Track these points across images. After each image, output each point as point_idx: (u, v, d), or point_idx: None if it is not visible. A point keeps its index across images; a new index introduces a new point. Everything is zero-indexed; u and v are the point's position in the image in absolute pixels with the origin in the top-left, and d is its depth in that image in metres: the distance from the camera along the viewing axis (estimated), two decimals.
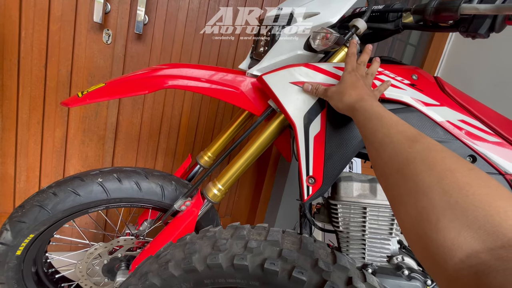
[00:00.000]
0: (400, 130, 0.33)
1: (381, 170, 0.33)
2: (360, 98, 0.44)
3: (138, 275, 0.47)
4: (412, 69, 0.59)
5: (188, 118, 1.17)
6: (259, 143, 0.63)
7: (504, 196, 0.22)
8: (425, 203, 0.24)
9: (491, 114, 0.57)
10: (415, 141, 0.30)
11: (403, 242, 0.69)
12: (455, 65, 1.41)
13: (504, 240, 0.19)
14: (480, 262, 0.19)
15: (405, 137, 0.32)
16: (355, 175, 0.64)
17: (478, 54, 1.29)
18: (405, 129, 0.33)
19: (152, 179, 0.70)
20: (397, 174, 0.29)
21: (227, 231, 0.48)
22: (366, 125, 0.39)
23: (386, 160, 0.32)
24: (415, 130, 0.33)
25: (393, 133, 0.33)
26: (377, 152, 0.34)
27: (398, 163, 0.30)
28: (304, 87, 0.54)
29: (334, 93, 0.49)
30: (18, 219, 0.61)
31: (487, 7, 0.42)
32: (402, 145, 0.31)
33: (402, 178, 0.28)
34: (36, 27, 0.90)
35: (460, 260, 0.20)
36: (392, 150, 0.32)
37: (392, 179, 0.30)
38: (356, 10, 0.67)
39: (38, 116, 0.98)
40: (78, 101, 0.54)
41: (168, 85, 0.59)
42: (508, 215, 0.20)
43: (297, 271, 0.39)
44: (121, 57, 1.00)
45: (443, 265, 0.21)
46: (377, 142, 0.35)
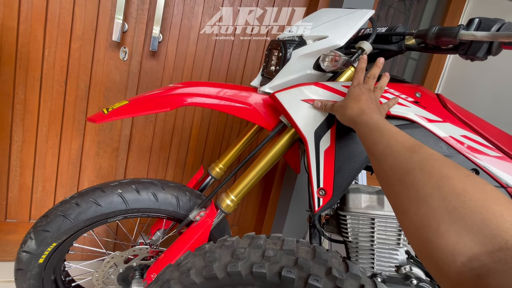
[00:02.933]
0: (400, 141, 0.35)
1: (384, 180, 0.34)
2: (362, 111, 0.46)
3: (160, 282, 0.50)
4: (415, 87, 0.63)
5: (198, 130, 1.21)
6: (270, 155, 0.66)
7: (499, 200, 0.23)
8: (426, 210, 0.25)
9: (492, 129, 0.60)
10: (414, 151, 0.32)
11: (410, 252, 0.71)
12: (456, 78, 1.45)
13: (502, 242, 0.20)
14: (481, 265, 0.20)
15: (405, 147, 0.33)
16: (363, 187, 0.67)
17: (478, 69, 1.33)
18: (404, 139, 0.35)
19: (168, 190, 0.73)
20: (398, 184, 0.30)
21: (244, 241, 0.51)
22: (367, 137, 0.41)
23: (388, 170, 0.33)
24: (413, 141, 0.34)
25: (393, 144, 0.35)
26: (379, 163, 0.36)
27: (398, 173, 0.31)
28: (314, 104, 0.58)
29: (339, 107, 0.52)
30: (42, 228, 0.64)
31: (483, 34, 0.46)
32: (402, 155, 0.32)
33: (403, 187, 0.29)
34: (59, 45, 0.96)
35: (462, 264, 0.21)
36: (393, 160, 0.33)
37: (394, 189, 0.31)
38: (361, 31, 0.72)
39: (57, 129, 1.03)
40: (104, 118, 0.58)
41: (187, 103, 0.63)
42: (504, 218, 0.21)
43: (312, 279, 0.42)
44: (136, 73, 1.06)
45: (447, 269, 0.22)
46: (378, 153, 0.36)
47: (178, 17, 1.07)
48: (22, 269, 0.67)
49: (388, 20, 1.48)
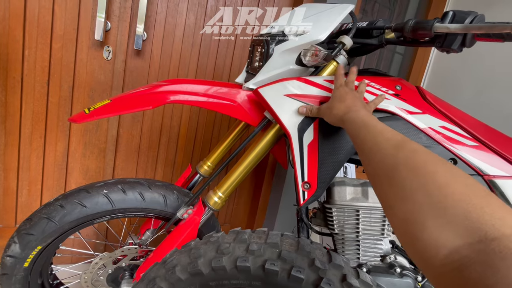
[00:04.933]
0: (386, 137, 0.36)
1: (372, 177, 0.35)
2: (348, 109, 0.47)
3: (146, 281, 0.50)
4: (396, 80, 0.64)
5: (187, 129, 1.21)
6: (256, 152, 0.66)
7: (480, 193, 0.24)
8: (411, 206, 0.26)
9: (469, 120, 0.62)
10: (399, 147, 0.33)
11: (395, 242, 0.73)
12: (440, 72, 1.48)
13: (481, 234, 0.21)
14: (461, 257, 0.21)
15: (390, 144, 0.34)
16: (348, 180, 0.68)
17: (461, 62, 1.36)
18: (390, 136, 0.36)
19: (154, 189, 0.73)
20: (385, 180, 0.31)
21: (229, 236, 0.51)
22: (356, 134, 0.41)
23: (375, 166, 0.34)
24: (400, 136, 0.35)
25: (380, 141, 0.36)
26: (368, 160, 0.37)
27: (385, 169, 0.32)
28: (299, 111, 0.58)
29: (325, 109, 0.53)
30: (26, 231, 0.63)
31: (457, 27, 0.47)
32: (388, 152, 0.33)
33: (390, 184, 0.30)
34: (39, 45, 0.94)
35: (444, 256, 0.22)
36: (380, 157, 0.34)
37: (382, 185, 0.32)
38: (343, 26, 0.72)
39: (40, 131, 1.01)
40: (86, 117, 0.58)
41: (170, 100, 0.62)
42: (484, 211, 0.22)
43: (295, 270, 0.43)
44: (121, 72, 1.04)
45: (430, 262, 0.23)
46: (367, 150, 0.37)
47: (162, 14, 1.06)
48: (7, 274, 0.65)
49: (373, 15, 1.49)
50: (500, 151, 0.58)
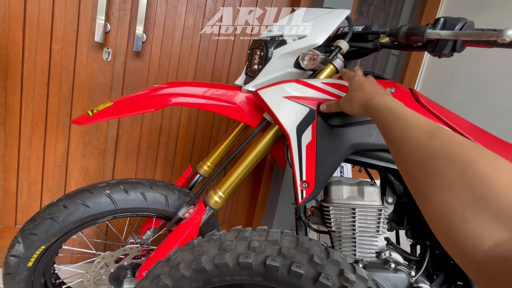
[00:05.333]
0: (417, 124, 0.33)
1: (402, 166, 0.33)
2: (370, 96, 0.45)
3: (151, 277, 0.51)
4: (390, 83, 0.67)
5: (186, 129, 1.22)
6: (256, 152, 0.68)
7: None
8: (450, 197, 0.25)
9: (460, 122, 0.65)
10: (434, 135, 0.30)
11: (390, 239, 0.75)
12: (433, 74, 1.51)
13: None
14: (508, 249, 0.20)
15: (423, 131, 0.32)
16: (344, 179, 0.70)
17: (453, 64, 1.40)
18: (421, 123, 0.33)
19: (156, 189, 0.74)
20: (419, 170, 0.29)
21: (231, 234, 0.53)
22: (382, 122, 0.39)
23: (407, 156, 0.32)
24: (432, 124, 0.33)
25: (410, 128, 0.34)
26: (397, 149, 0.34)
27: (418, 159, 0.30)
28: (320, 108, 0.59)
29: (345, 101, 0.51)
30: (30, 231, 0.65)
31: (447, 33, 0.50)
32: (421, 140, 0.31)
33: (424, 174, 0.28)
34: (39, 47, 0.94)
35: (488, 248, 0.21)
36: (411, 146, 0.32)
37: (415, 175, 0.30)
38: (339, 30, 0.75)
39: (40, 132, 1.02)
40: (90, 120, 0.59)
41: (172, 103, 0.64)
42: None
43: (295, 266, 0.45)
44: (120, 74, 1.05)
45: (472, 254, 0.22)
46: (396, 139, 0.35)
47: (161, 16, 1.07)
48: (11, 274, 0.66)
49: (369, 17, 1.52)
50: None
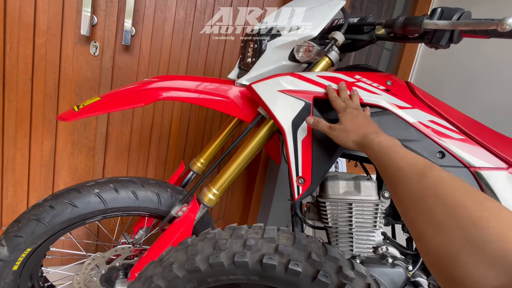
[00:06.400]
0: (409, 163, 0.34)
1: (398, 205, 0.34)
2: (365, 134, 0.46)
3: (143, 279, 0.49)
4: (386, 76, 0.66)
5: (178, 125, 1.19)
6: (250, 148, 0.67)
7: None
8: (442, 239, 0.25)
9: (456, 114, 0.64)
10: (424, 175, 0.31)
11: (386, 233, 0.75)
12: (426, 67, 1.52)
13: None
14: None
15: (415, 171, 0.33)
16: (340, 174, 0.69)
17: (446, 58, 1.40)
18: (414, 162, 0.34)
19: (148, 188, 0.72)
20: (413, 210, 0.30)
21: (226, 232, 0.51)
22: (378, 160, 0.40)
23: (401, 195, 0.33)
24: (423, 162, 0.34)
25: (403, 167, 0.35)
26: (392, 187, 0.35)
27: (411, 199, 0.31)
28: (307, 120, 0.57)
29: (339, 133, 0.50)
30: (14, 234, 0.61)
31: (445, 23, 0.49)
32: (413, 180, 0.32)
33: (418, 214, 0.29)
34: (22, 41, 0.90)
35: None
36: (404, 185, 0.33)
37: (409, 215, 0.31)
38: (335, 22, 0.73)
39: (25, 130, 0.97)
40: (75, 115, 0.56)
41: (163, 97, 0.62)
42: None
43: (293, 264, 0.44)
44: (109, 69, 1.01)
45: None
46: (390, 177, 0.36)
47: (150, 9, 1.03)
48: None
49: (362, 10, 1.51)
50: (485, 143, 0.60)
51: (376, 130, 0.47)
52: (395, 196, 0.34)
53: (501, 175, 0.59)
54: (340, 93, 0.58)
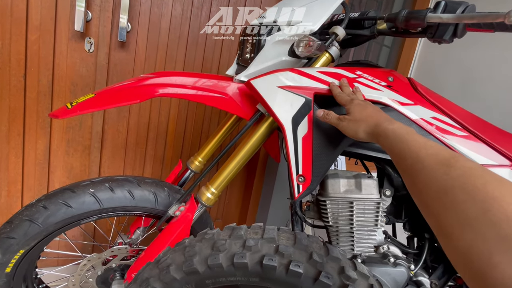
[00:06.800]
0: (430, 153, 0.31)
1: (418, 198, 0.31)
2: (377, 123, 0.43)
3: (139, 281, 0.48)
4: (388, 72, 0.64)
5: (176, 123, 1.18)
6: (249, 145, 0.65)
7: None
8: (473, 236, 0.23)
9: (458, 110, 0.63)
10: (450, 165, 0.28)
11: (387, 232, 0.74)
12: (426, 63, 1.51)
13: None
14: None
15: (438, 161, 0.30)
16: (341, 172, 0.68)
17: (446, 53, 1.39)
18: (435, 151, 0.31)
19: (144, 187, 0.70)
20: (436, 204, 0.28)
21: (225, 232, 0.50)
22: (393, 150, 0.37)
23: (421, 188, 0.30)
24: (446, 151, 0.31)
25: (423, 157, 0.32)
26: (410, 179, 0.32)
27: (435, 191, 0.28)
28: (316, 113, 0.55)
29: (349, 124, 0.48)
30: (6, 235, 0.60)
31: (449, 16, 0.47)
32: (437, 171, 0.29)
33: (443, 208, 0.27)
34: (14, 37, 0.88)
35: None
36: (426, 177, 0.30)
37: (432, 209, 0.28)
38: (334, 17, 0.71)
39: (19, 128, 0.95)
40: (68, 113, 0.54)
41: (159, 94, 0.60)
42: None
43: (293, 265, 0.42)
44: (104, 65, 0.99)
45: None
46: (408, 168, 0.33)
47: (147, 4, 1.01)
48: None
49: (361, 7, 1.49)
50: (488, 140, 0.59)
51: (388, 118, 0.43)
52: (414, 188, 0.31)
53: (505, 172, 0.58)
54: (343, 89, 0.56)
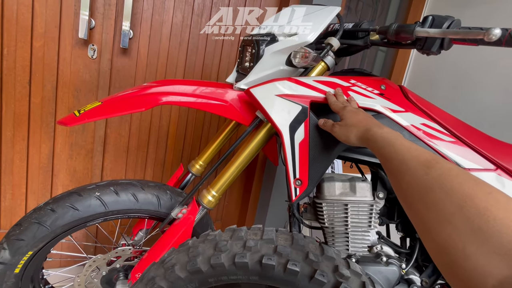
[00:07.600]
0: (414, 155, 0.34)
1: (403, 198, 0.33)
2: (367, 128, 0.46)
3: (145, 280, 0.51)
4: (380, 80, 0.68)
5: (176, 127, 1.20)
6: (249, 150, 0.68)
7: None
8: (449, 231, 0.25)
9: (446, 117, 0.67)
10: (430, 166, 0.31)
11: (381, 233, 0.77)
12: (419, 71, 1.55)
13: None
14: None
15: (420, 163, 0.32)
16: (336, 176, 0.71)
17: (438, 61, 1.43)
18: (418, 154, 0.34)
19: (147, 190, 0.73)
20: (418, 202, 0.30)
21: (226, 234, 0.53)
22: (381, 153, 0.40)
23: (405, 188, 0.32)
24: (428, 154, 0.33)
25: (408, 159, 0.34)
26: (396, 180, 0.34)
27: (417, 191, 0.30)
28: (318, 122, 0.59)
29: (341, 130, 0.51)
30: (16, 237, 0.62)
31: (435, 31, 0.51)
32: (418, 172, 0.31)
33: (424, 206, 0.29)
34: (19, 44, 0.90)
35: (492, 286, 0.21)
36: (410, 177, 0.32)
37: (414, 207, 0.30)
38: (330, 27, 0.75)
39: (23, 133, 0.98)
40: (76, 120, 0.57)
41: (162, 102, 0.63)
42: None
43: (291, 264, 0.45)
44: (107, 71, 1.02)
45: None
46: (394, 170, 0.35)
47: (148, 12, 1.04)
48: None
49: (357, 13, 1.53)
50: (474, 145, 0.63)
51: (378, 123, 0.46)
52: (399, 189, 0.34)
53: (490, 177, 0.61)
54: (338, 98, 0.60)
